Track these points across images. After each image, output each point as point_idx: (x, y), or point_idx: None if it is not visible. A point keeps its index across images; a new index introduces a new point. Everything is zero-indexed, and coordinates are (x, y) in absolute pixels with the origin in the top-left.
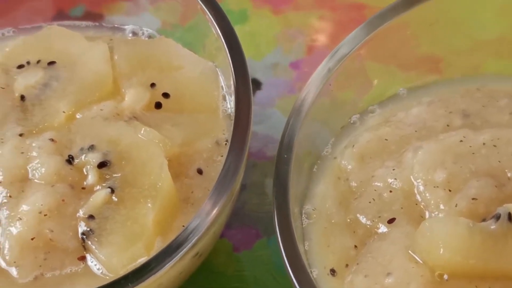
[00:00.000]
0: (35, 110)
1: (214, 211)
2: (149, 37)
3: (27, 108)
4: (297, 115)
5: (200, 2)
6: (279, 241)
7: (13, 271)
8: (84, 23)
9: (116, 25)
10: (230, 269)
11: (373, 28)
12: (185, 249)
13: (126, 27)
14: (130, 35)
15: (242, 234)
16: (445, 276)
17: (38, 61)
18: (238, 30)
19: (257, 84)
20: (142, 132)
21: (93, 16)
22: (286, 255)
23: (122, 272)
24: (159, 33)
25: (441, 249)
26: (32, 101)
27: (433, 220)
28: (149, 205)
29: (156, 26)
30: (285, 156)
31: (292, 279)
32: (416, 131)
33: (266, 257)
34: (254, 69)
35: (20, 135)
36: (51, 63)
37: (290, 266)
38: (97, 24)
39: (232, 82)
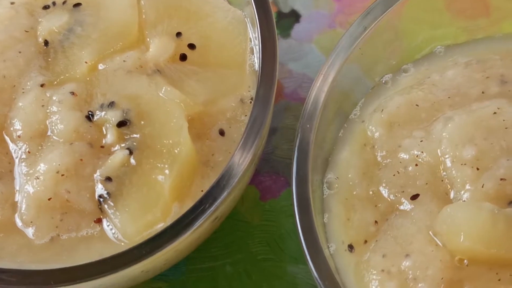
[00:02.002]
0: (58, 58)
1: (235, 179)
2: None
3: (50, 55)
4: (324, 80)
5: None
6: (296, 215)
7: (29, 232)
8: None
9: None
10: (256, 218)
11: None
12: (203, 217)
13: None
14: None
15: (270, 181)
16: (465, 262)
17: (64, 2)
18: None
19: (296, 16)
20: (163, 91)
21: None
22: (302, 231)
23: (137, 239)
24: None
25: (462, 237)
26: (55, 48)
27: (455, 206)
28: (167, 171)
29: None
30: (308, 126)
31: (306, 255)
32: (449, 97)
33: (291, 209)
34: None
35: (42, 85)
36: (77, 5)
37: (304, 241)
38: None
39: (257, 34)
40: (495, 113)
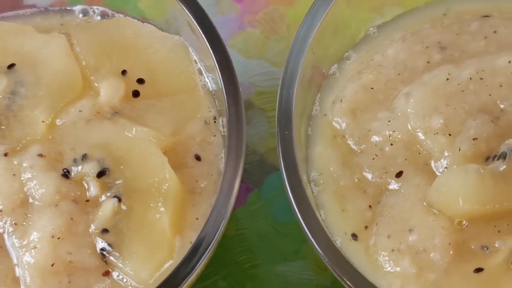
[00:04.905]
0: (11, 123)
1: (231, 200)
2: (102, 16)
3: (2, 122)
4: (287, 84)
5: None
6: (299, 218)
7: None
8: (28, 10)
9: (62, 7)
10: (231, 230)
11: None
12: (212, 245)
13: (74, 8)
14: (81, 15)
15: None
16: (464, 223)
17: None
18: None
19: None
20: (133, 131)
21: None
22: (309, 231)
23: (151, 281)
24: (111, 9)
25: (460, 201)
26: (5, 114)
27: (445, 175)
28: (162, 208)
29: None
30: (286, 132)
31: (320, 253)
32: (399, 74)
33: (262, 210)
34: None
35: (5, 154)
36: (11, 66)
37: (315, 240)
38: (42, 9)
39: (212, 57)
40: (447, 79)
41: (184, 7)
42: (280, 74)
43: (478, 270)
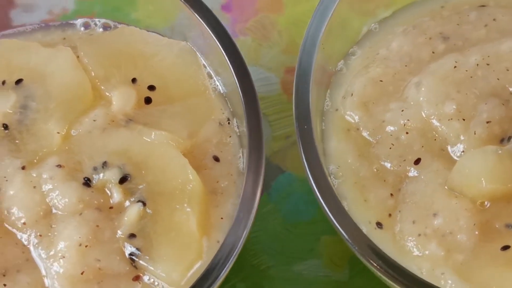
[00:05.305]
0: (25, 137)
1: (257, 197)
2: (104, 28)
3: (15, 137)
4: (302, 80)
5: None
6: (325, 209)
7: None
8: (28, 27)
9: (63, 22)
10: None
11: None
12: (240, 243)
13: (75, 21)
14: (82, 29)
15: None
16: (486, 203)
17: (3, 82)
18: None
19: None
20: (152, 136)
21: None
22: (336, 221)
23: (183, 282)
24: (113, 21)
25: (483, 182)
26: (18, 128)
27: (466, 158)
28: (188, 209)
29: None
30: (305, 127)
31: (349, 242)
32: (406, 65)
33: (273, 212)
34: None
35: (23, 168)
36: (18, 81)
37: (343, 229)
38: (43, 24)
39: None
40: (455, 67)
41: (194, 12)
42: (276, 79)
43: (505, 248)
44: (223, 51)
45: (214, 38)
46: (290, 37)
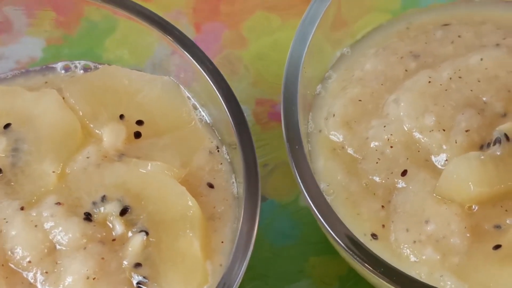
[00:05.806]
0: (21, 178)
1: (256, 218)
2: (84, 69)
3: (11, 179)
4: (289, 103)
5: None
6: (323, 223)
7: None
8: (9, 73)
9: (44, 66)
10: None
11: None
12: (244, 264)
13: (55, 65)
14: (63, 71)
15: None
16: (474, 207)
17: None
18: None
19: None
20: (148, 167)
21: None
22: (335, 234)
23: None
24: (93, 62)
25: (471, 186)
26: (13, 171)
27: (451, 165)
28: (191, 234)
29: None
30: (296, 147)
31: (350, 254)
32: (382, 84)
33: (260, 239)
34: None
35: (21, 208)
36: (7, 126)
37: (342, 241)
38: (23, 70)
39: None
40: (429, 82)
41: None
42: (249, 112)
43: (497, 247)
44: (211, 83)
45: (202, 71)
46: (257, 70)
